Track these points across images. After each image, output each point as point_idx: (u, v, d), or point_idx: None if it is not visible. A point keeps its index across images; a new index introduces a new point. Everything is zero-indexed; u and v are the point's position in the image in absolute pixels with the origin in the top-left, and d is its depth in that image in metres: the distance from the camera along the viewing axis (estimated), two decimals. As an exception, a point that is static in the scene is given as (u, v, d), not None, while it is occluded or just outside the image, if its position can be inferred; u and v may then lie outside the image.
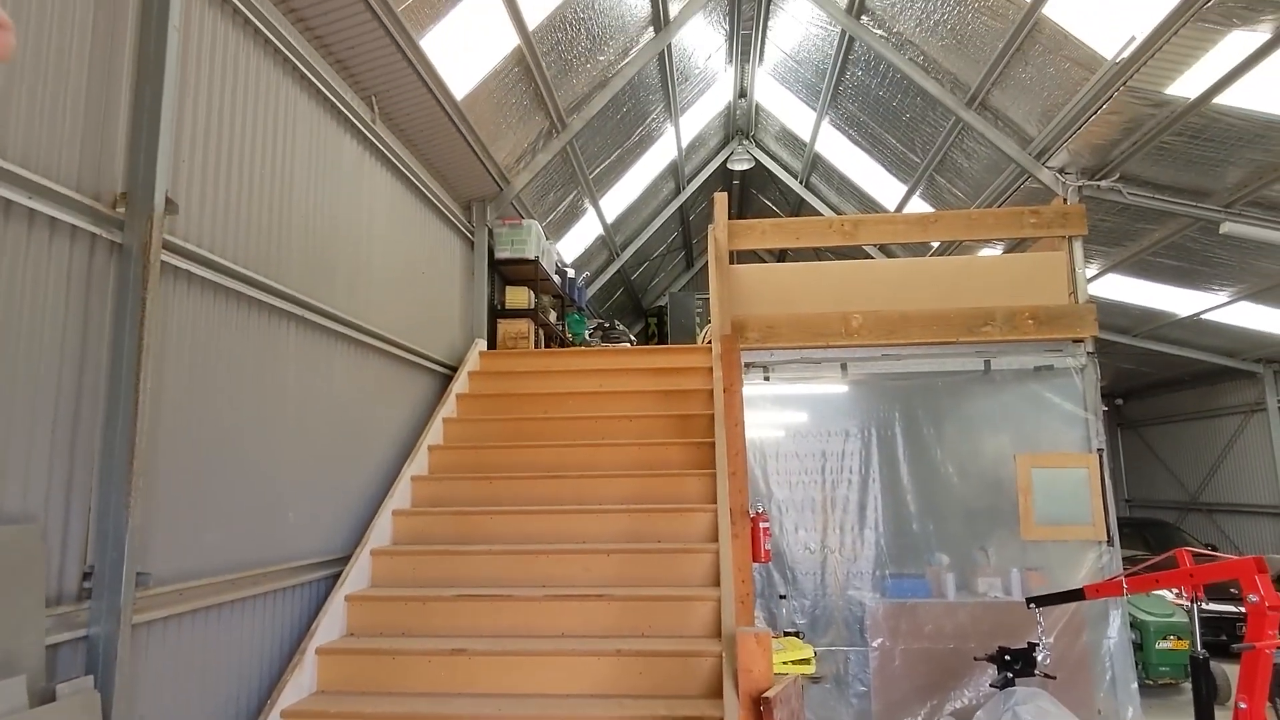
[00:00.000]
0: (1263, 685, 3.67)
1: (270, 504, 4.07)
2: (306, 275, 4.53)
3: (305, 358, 4.50)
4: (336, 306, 4.86)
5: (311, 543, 4.45)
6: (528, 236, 8.05)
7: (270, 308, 4.14)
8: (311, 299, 4.53)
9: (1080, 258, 6.98)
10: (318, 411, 4.60)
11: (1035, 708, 4.81)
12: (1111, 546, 6.65)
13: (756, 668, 2.62)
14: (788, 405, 7.29)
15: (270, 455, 4.09)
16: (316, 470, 4.55)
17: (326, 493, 4.67)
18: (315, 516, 4.51)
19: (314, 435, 4.54)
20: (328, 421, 4.71)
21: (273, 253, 4.20)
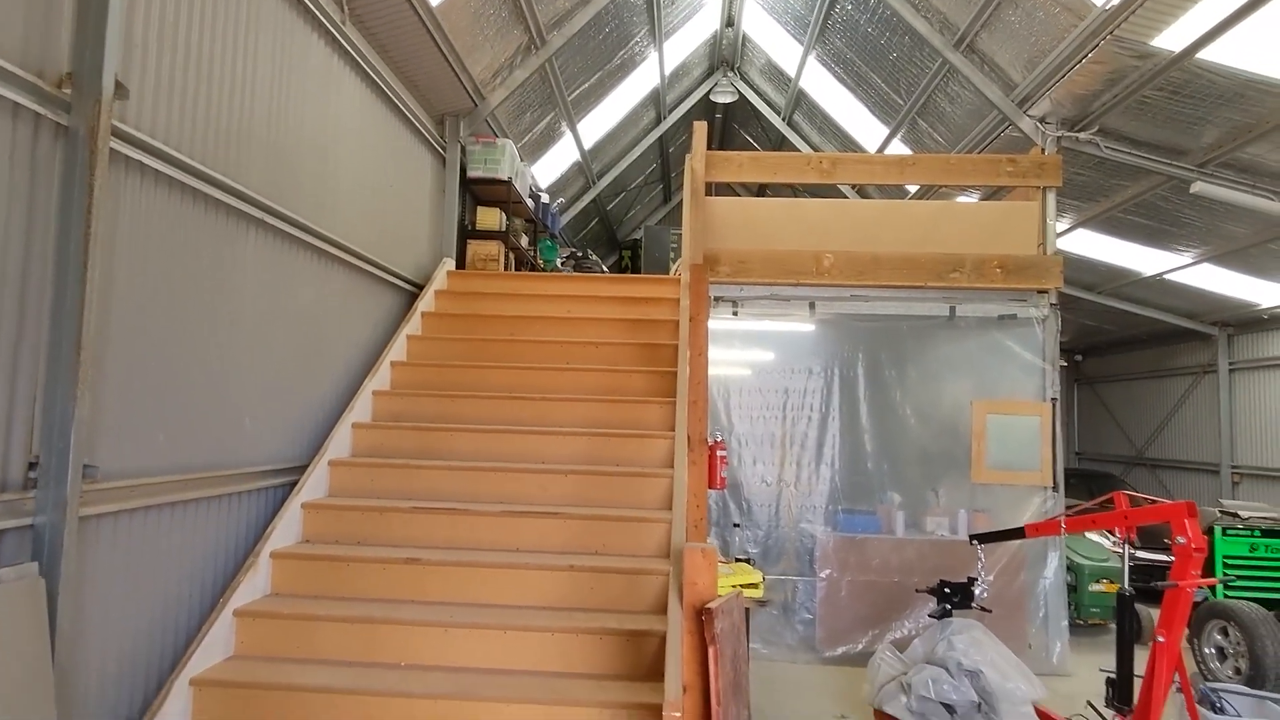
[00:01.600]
0: (1181, 621, 3.86)
1: (226, 408, 4.04)
2: (269, 179, 4.39)
3: (266, 263, 4.40)
4: (301, 214, 4.73)
5: (268, 450, 4.43)
6: (501, 156, 7.87)
7: (229, 209, 4.02)
8: (274, 203, 4.40)
9: (1053, 210, 7.02)
10: (278, 319, 4.52)
11: (969, 638, 5.02)
12: (1056, 492, 6.89)
13: (701, 580, 2.69)
14: (754, 341, 7.34)
15: (227, 360, 4.03)
16: (275, 378, 4.50)
17: (285, 401, 4.63)
18: (272, 424, 4.48)
19: (273, 343, 4.48)
20: (288, 330, 4.64)
21: (233, 152, 4.06)
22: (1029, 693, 4.84)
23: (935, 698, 4.81)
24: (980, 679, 4.85)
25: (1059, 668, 6.62)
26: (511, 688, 3.53)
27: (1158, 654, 3.88)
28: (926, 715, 4.83)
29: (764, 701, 5.74)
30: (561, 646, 3.73)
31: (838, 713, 5.63)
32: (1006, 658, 4.99)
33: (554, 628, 3.78)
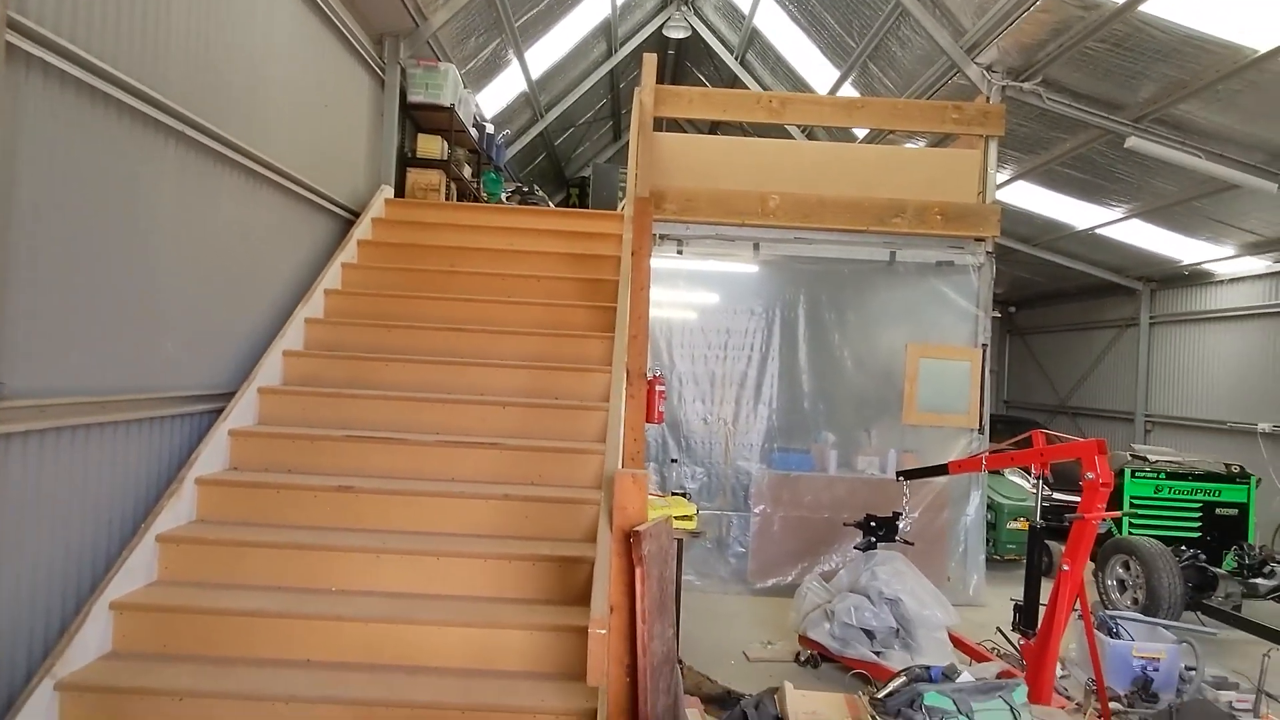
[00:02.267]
0: (1085, 551, 4.10)
1: (145, 331, 3.87)
2: (191, 89, 4.14)
3: (189, 180, 4.18)
4: (229, 130, 4.50)
5: (192, 375, 4.29)
6: (444, 81, 7.58)
7: (146, 118, 3.78)
8: (196, 116, 4.16)
9: (994, 159, 7.13)
10: (203, 240, 4.33)
11: (891, 569, 5.25)
12: (981, 435, 7.17)
13: (630, 505, 2.73)
14: (698, 281, 7.36)
15: (146, 280, 3.85)
16: (200, 302, 4.33)
17: (210, 326, 4.47)
18: (196, 349, 4.33)
19: (198, 265, 4.29)
20: (214, 252, 4.45)
21: (149, 58, 3.80)
22: (944, 619, 5.11)
23: (856, 624, 5.04)
24: (899, 606, 5.10)
25: (975, 599, 7.00)
26: (443, 611, 3.56)
27: (1062, 581, 4.12)
28: (848, 640, 5.07)
29: (696, 630, 5.93)
30: (494, 572, 3.76)
31: (765, 639, 5.86)
32: (925, 587, 5.24)
33: (487, 554, 3.80)
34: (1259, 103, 6.44)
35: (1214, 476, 7.39)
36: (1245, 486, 7.35)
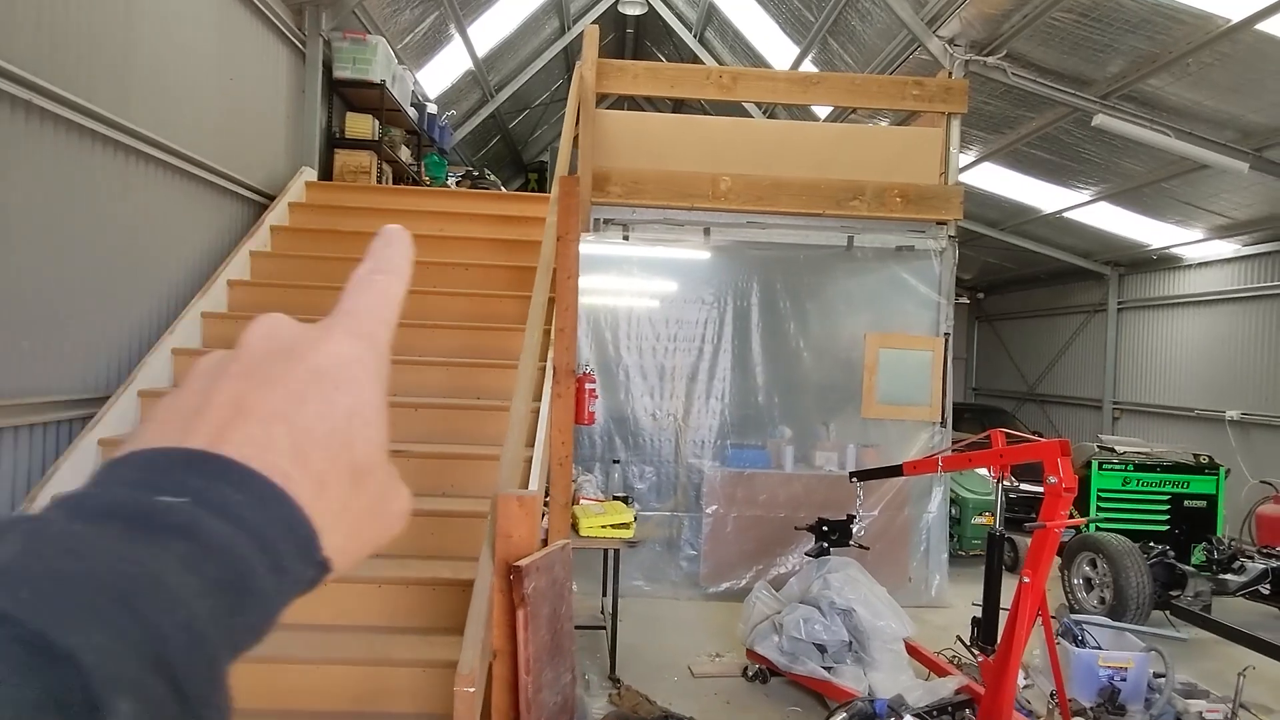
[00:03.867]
0: (1047, 561, 3.75)
1: (-13, 328, 3.39)
2: (44, 53, 3.63)
3: (46, 159, 3.68)
4: (100, 104, 3.99)
5: (55, 378, 3.80)
6: (373, 56, 7.06)
7: (-21, 84, 3.29)
8: (51, 85, 3.66)
9: (956, 138, 6.76)
10: (67, 227, 3.83)
11: (845, 576, 4.90)
12: (944, 428, 6.84)
13: (516, 533, 2.32)
14: (644, 268, 6.94)
15: (-15, 269, 3.36)
16: (66, 295, 3.84)
17: (81, 322, 3.98)
18: (62, 348, 3.84)
19: (62, 254, 3.80)
20: (83, 240, 3.96)
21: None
22: (899, 630, 4.77)
23: (806, 637, 4.68)
24: (853, 617, 4.74)
25: (937, 599, 6.68)
26: (325, 646, 3.13)
27: (1023, 594, 3.77)
28: (797, 654, 4.71)
29: (640, 641, 5.55)
30: (389, 599, 3.34)
31: (713, 651, 5.49)
32: (880, 596, 4.89)
33: (381, 578, 3.38)
34: (1230, 77, 6.13)
35: (1182, 468, 7.15)
36: (1214, 477, 7.11)
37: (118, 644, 0.26)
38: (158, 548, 0.29)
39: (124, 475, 0.32)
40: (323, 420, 0.35)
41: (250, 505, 0.32)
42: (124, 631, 0.27)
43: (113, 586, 0.27)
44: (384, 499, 0.39)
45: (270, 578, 0.32)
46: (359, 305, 0.41)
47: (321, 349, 0.38)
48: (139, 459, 0.33)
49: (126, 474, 0.32)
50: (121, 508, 0.30)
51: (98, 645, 0.26)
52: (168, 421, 0.35)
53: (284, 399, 0.35)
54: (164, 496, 0.31)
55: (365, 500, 0.37)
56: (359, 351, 0.38)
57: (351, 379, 0.37)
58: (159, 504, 0.31)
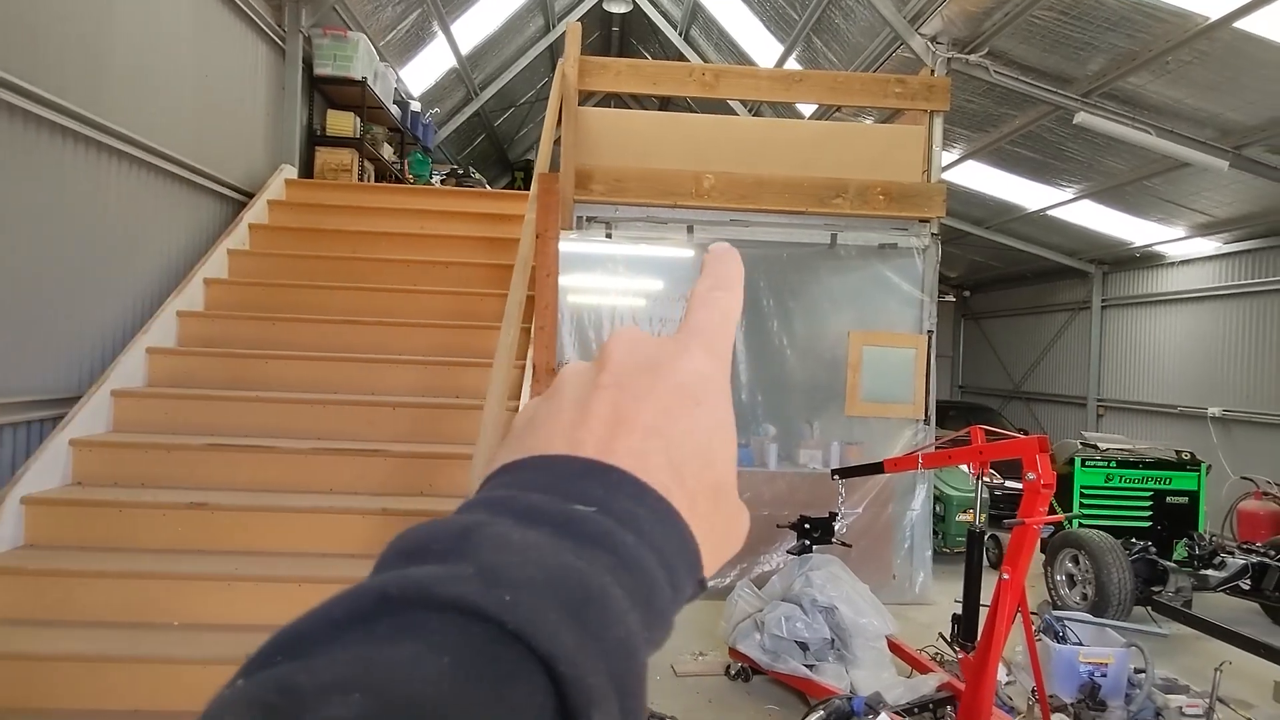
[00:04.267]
0: (1027, 558, 3.75)
1: (-48, 327, 3.33)
2: (13, 48, 3.57)
3: (14, 155, 3.63)
4: (70, 98, 3.94)
5: (23, 378, 3.75)
6: (354, 53, 7.01)
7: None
8: (20, 80, 3.60)
9: (939, 135, 6.76)
10: (36, 223, 3.77)
11: (827, 573, 4.89)
12: (927, 425, 6.84)
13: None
14: (628, 266, 6.91)
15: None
16: (34, 293, 3.79)
17: (50, 320, 3.92)
18: (29, 347, 3.79)
19: (30, 251, 3.74)
20: (53, 237, 3.90)
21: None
22: (881, 628, 4.76)
23: (788, 636, 4.67)
24: (834, 615, 4.74)
25: (921, 597, 6.69)
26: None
27: (1002, 591, 3.77)
28: (779, 653, 4.69)
29: (623, 641, 5.53)
30: (364, 600, 3.30)
31: (697, 650, 5.48)
32: (862, 593, 4.89)
33: (355, 579, 3.32)
34: (1209, 75, 6.16)
35: (1164, 464, 7.18)
36: (1195, 474, 7.16)
37: (585, 655, 0.26)
38: (587, 557, 0.29)
39: (531, 480, 0.32)
40: (690, 436, 0.36)
41: (650, 520, 0.32)
42: (587, 643, 0.27)
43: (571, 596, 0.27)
44: (736, 518, 0.39)
45: (669, 593, 0.32)
46: (706, 321, 0.41)
47: (683, 365, 0.38)
48: (540, 465, 0.33)
49: (533, 478, 0.32)
50: (544, 514, 0.30)
51: (569, 655, 0.26)
52: (548, 430, 0.35)
53: (656, 413, 0.35)
54: (576, 505, 0.31)
55: (723, 519, 0.37)
56: (714, 368, 0.39)
57: (710, 395, 0.37)
58: (576, 512, 0.31)
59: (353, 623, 0.26)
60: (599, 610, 0.28)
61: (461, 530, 0.29)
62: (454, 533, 0.29)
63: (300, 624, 0.27)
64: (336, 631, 0.26)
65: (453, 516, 0.30)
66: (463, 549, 0.28)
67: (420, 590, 0.26)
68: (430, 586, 0.26)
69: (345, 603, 0.27)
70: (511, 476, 0.33)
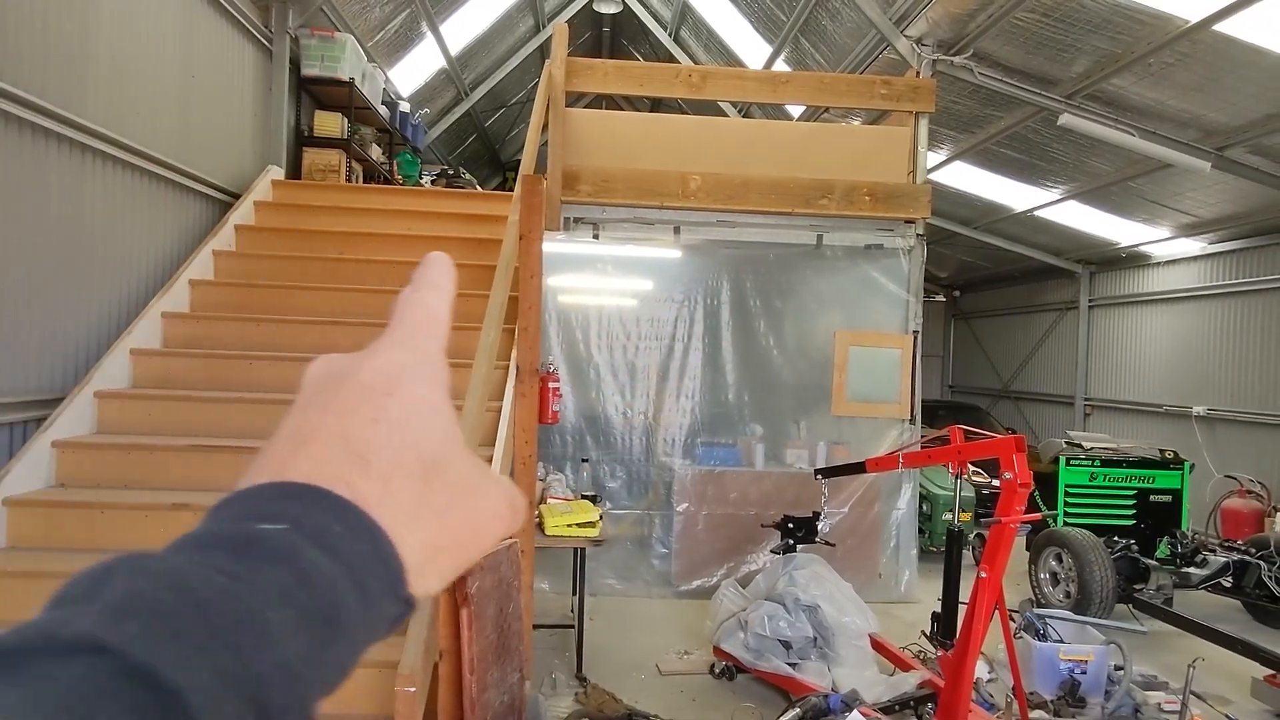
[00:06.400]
0: (1004, 556, 3.79)
1: (-68, 329, 3.34)
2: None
3: (-5, 155, 3.63)
4: (51, 99, 3.94)
5: (5, 379, 3.75)
6: (342, 53, 7.01)
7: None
8: (1, 80, 3.61)
9: (924, 137, 6.80)
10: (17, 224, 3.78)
11: (810, 572, 4.93)
12: (913, 425, 6.89)
13: (461, 532, 2.32)
14: (615, 267, 6.94)
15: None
16: (16, 294, 3.79)
17: (32, 321, 3.93)
18: (11, 348, 3.79)
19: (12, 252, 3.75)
20: (36, 238, 3.90)
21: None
22: (864, 626, 4.81)
23: (771, 634, 4.70)
24: (818, 614, 4.78)
25: (906, 595, 6.73)
26: (280, 648, 3.11)
27: (980, 589, 3.80)
28: (762, 651, 4.73)
29: (609, 640, 5.56)
30: (345, 600, 3.32)
31: (682, 649, 5.51)
32: (845, 592, 4.93)
33: (338, 579, 3.35)
34: (1191, 77, 6.22)
35: (1148, 463, 7.23)
36: (1179, 472, 7.21)
37: (220, 682, 0.26)
38: (258, 576, 0.29)
39: (227, 510, 0.33)
40: (376, 424, 0.36)
41: (345, 535, 0.32)
42: (226, 669, 0.26)
43: (214, 622, 0.27)
44: (468, 492, 0.38)
45: (359, 612, 0.31)
46: (401, 322, 0.42)
47: (366, 366, 0.38)
48: (239, 495, 0.33)
49: (229, 509, 0.33)
50: (225, 537, 0.30)
51: (201, 684, 0.25)
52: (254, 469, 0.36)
53: (337, 417, 0.36)
54: (264, 524, 0.31)
55: (445, 496, 0.37)
56: (403, 359, 0.39)
57: (400, 384, 0.38)
58: (260, 531, 0.31)
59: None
60: (252, 635, 0.27)
61: (105, 570, 0.28)
62: (98, 573, 0.28)
63: None
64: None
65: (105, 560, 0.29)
66: (99, 588, 0.27)
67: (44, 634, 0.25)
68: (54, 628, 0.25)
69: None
70: (216, 511, 0.33)
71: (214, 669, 0.26)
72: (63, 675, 0.24)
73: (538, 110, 5.76)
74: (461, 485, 0.38)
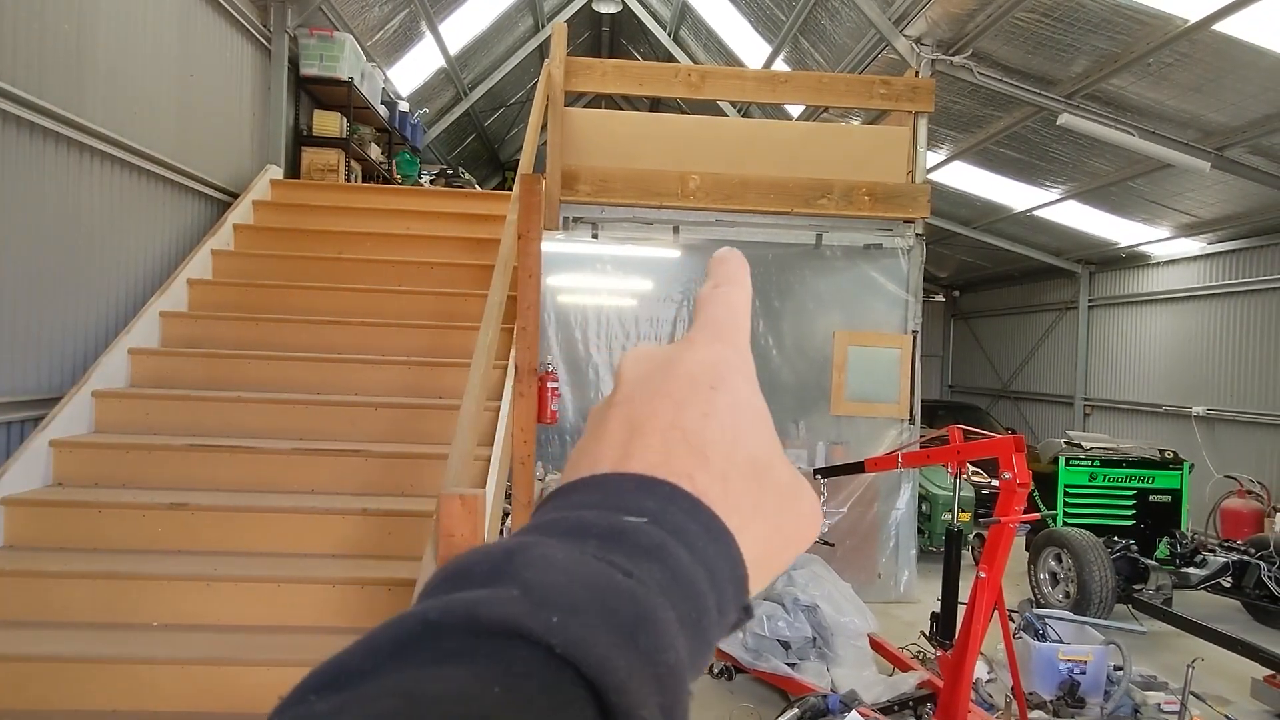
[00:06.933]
0: (1003, 556, 3.78)
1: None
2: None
3: (-9, 154, 3.62)
4: (49, 98, 3.93)
5: (2, 378, 3.74)
6: (341, 53, 7.00)
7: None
8: None
9: (924, 136, 6.80)
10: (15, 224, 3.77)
11: (809, 572, 4.93)
12: (912, 424, 6.88)
13: (459, 533, 2.31)
14: (614, 266, 6.93)
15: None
16: (14, 293, 3.79)
17: (30, 321, 3.92)
18: (9, 347, 3.79)
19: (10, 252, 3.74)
20: (34, 237, 3.90)
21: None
22: (862, 626, 4.80)
23: (770, 634, 4.70)
24: (816, 614, 4.78)
25: (906, 595, 6.73)
26: (279, 648, 3.11)
27: (979, 589, 3.80)
28: (761, 651, 4.73)
29: (608, 640, 5.55)
30: (344, 599, 3.32)
31: (681, 649, 5.50)
32: (843, 592, 4.93)
33: (337, 579, 3.35)
34: (1190, 77, 6.22)
35: (1148, 463, 7.23)
36: (1178, 473, 7.21)
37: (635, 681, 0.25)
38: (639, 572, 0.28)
39: (580, 499, 0.31)
40: (709, 419, 0.35)
41: (702, 537, 0.31)
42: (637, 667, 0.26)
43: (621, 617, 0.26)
44: (792, 495, 0.37)
45: (716, 615, 0.30)
46: (712, 316, 0.41)
47: (690, 357, 0.38)
48: (589, 483, 0.32)
49: (582, 497, 0.32)
50: (593, 527, 0.29)
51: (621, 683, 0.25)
52: (585, 459, 0.35)
53: (669, 409, 0.35)
54: (627, 517, 0.30)
55: (774, 497, 0.36)
56: (725, 354, 0.39)
57: (724, 378, 0.37)
58: (627, 524, 0.30)
59: (396, 652, 0.25)
60: (651, 633, 0.27)
61: (505, 552, 0.28)
62: (498, 555, 0.28)
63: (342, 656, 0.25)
64: (378, 661, 0.25)
65: (499, 540, 0.29)
66: (506, 570, 0.27)
67: (465, 613, 0.25)
68: (474, 609, 0.25)
69: (388, 631, 0.25)
70: (560, 499, 0.32)
71: (627, 667, 0.25)
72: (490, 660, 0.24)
73: (536, 110, 5.75)
74: (784, 488, 0.37)
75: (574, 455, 0.36)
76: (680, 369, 0.37)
